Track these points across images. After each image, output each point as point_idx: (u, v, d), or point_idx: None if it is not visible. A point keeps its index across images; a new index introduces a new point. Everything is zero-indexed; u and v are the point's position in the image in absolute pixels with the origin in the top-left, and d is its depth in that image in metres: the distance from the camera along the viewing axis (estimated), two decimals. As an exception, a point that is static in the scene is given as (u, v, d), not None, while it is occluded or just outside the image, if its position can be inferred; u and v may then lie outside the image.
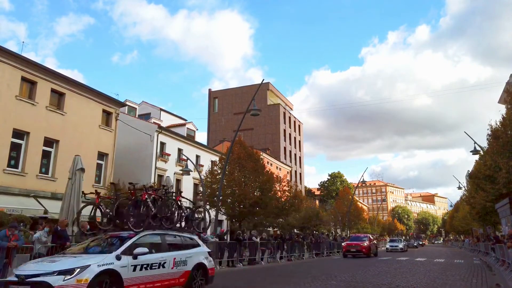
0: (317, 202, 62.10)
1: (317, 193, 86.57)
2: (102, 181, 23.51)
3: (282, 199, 31.30)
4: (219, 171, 26.33)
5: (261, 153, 33.96)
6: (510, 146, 17.32)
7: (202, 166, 33.09)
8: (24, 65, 19.19)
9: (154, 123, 31.81)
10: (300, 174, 66.62)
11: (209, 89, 67.87)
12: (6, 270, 9.50)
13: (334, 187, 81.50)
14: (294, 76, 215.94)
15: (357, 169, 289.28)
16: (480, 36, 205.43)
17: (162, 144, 30.81)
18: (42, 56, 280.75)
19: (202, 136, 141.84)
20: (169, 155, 31.13)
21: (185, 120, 40.67)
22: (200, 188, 28.80)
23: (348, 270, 15.72)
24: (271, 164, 47.25)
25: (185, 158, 27.73)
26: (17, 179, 18.37)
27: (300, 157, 67.82)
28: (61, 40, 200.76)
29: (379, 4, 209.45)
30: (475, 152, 23.69)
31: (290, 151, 63.14)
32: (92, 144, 22.79)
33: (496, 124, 19.17)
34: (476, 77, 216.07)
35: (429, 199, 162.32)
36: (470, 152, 23.68)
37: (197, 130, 39.08)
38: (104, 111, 24.27)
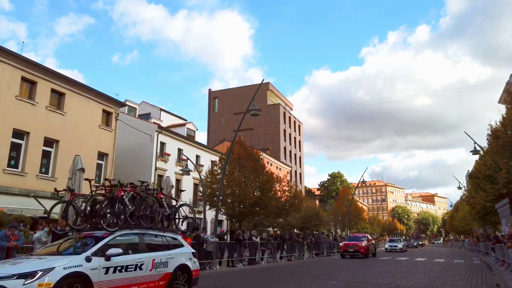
0: (317, 202, 62.11)
1: (317, 193, 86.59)
2: (102, 181, 23.49)
3: (282, 199, 31.31)
4: (219, 171, 26.34)
5: (261, 153, 33.97)
6: (510, 146, 17.32)
7: (202, 166, 33.11)
8: (24, 65, 19.20)
9: (154, 123, 31.83)
10: (300, 174, 66.65)
11: (209, 89, 67.91)
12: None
13: (334, 187, 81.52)
14: (294, 76, 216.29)
15: (357, 169, 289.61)
16: (480, 36, 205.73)
17: (162, 144, 30.84)
18: (42, 56, 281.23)
19: (202, 136, 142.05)
20: (169, 155, 31.16)
21: (185, 120, 40.71)
22: (200, 188, 28.80)
23: (348, 270, 15.72)
24: (271, 164, 47.26)
25: (185, 158, 27.74)
26: (17, 179, 18.39)
27: (300, 157, 67.84)
28: (61, 40, 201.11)
29: (379, 4, 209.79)
30: (475, 152, 23.71)
31: (290, 151, 63.16)
32: (92, 144, 22.80)
33: (496, 124, 19.18)
34: (476, 77, 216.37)
35: (429, 199, 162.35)
36: (470, 152, 23.71)
37: (197, 130, 39.16)
38: (104, 111, 24.28)
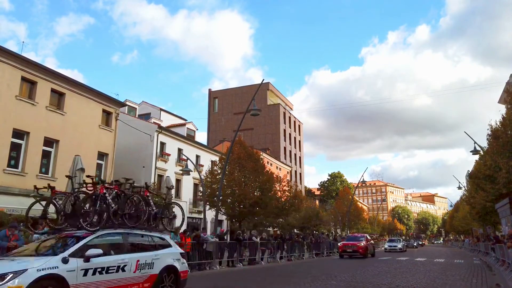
0: (317, 202, 62.10)
1: (317, 193, 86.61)
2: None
3: (282, 199, 31.30)
4: (219, 171, 26.33)
5: (261, 153, 33.96)
6: (510, 146, 17.31)
7: (202, 166, 33.11)
8: (24, 65, 19.19)
9: (154, 123, 31.83)
10: (300, 174, 66.65)
11: (209, 89, 67.91)
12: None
13: (334, 187, 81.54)
14: (294, 76, 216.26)
15: (357, 169, 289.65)
16: (480, 36, 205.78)
17: (162, 144, 30.84)
18: (42, 56, 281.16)
19: (202, 136, 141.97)
20: (169, 155, 31.16)
21: (185, 120, 40.72)
22: (200, 188, 28.80)
23: (348, 270, 15.73)
24: (271, 164, 47.27)
25: (185, 158, 27.74)
26: (17, 179, 18.37)
27: (300, 157, 67.85)
28: (61, 40, 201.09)
29: (379, 4, 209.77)
30: (475, 152, 23.71)
31: (290, 151, 63.16)
32: (92, 144, 22.79)
33: (496, 124, 19.17)
34: (476, 77, 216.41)
35: (429, 199, 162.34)
36: (470, 152, 23.71)
37: (197, 130, 39.17)
38: (104, 111, 24.27)
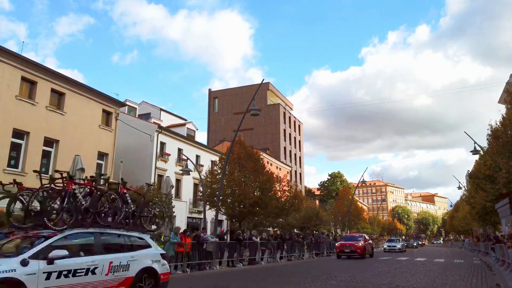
0: (317, 202, 62.09)
1: (317, 193, 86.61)
2: (103, 181, 23.44)
3: (282, 199, 31.31)
4: (219, 171, 26.33)
5: (261, 153, 33.97)
6: (510, 146, 17.31)
7: (202, 166, 33.11)
8: (24, 65, 19.19)
9: (154, 123, 31.84)
10: (300, 174, 66.66)
11: (209, 89, 67.91)
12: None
13: (334, 187, 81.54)
14: (294, 76, 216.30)
15: (357, 169, 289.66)
16: (480, 36, 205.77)
17: (162, 144, 30.84)
18: (42, 56, 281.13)
19: (202, 136, 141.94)
20: (169, 155, 31.16)
21: (185, 120, 40.71)
22: (200, 188, 28.80)
23: (348, 270, 15.73)
24: (271, 164, 47.27)
25: (185, 158, 27.73)
26: (17, 179, 18.29)
27: (300, 157, 67.85)
28: (61, 40, 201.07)
29: (379, 4, 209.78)
30: (475, 152, 23.70)
31: (290, 151, 63.16)
32: (92, 144, 22.79)
33: (496, 124, 19.17)
34: (476, 77, 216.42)
35: (429, 199, 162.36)
36: (470, 152, 23.71)
37: (197, 130, 39.15)
38: (104, 111, 24.27)
